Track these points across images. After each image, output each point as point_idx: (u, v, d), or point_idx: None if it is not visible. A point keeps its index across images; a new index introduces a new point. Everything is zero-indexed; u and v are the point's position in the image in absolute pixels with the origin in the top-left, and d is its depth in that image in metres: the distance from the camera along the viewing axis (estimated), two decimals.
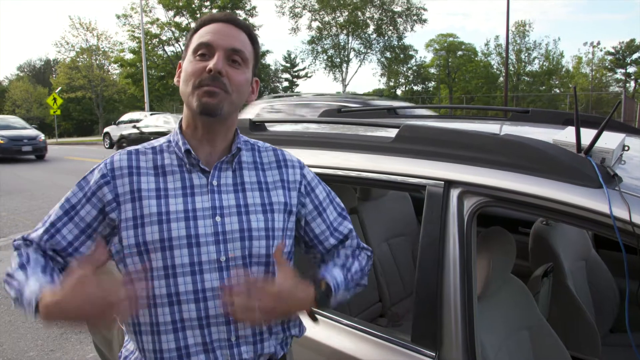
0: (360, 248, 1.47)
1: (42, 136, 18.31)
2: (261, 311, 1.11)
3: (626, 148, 1.55)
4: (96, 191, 1.22)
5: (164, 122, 17.87)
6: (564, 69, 41.64)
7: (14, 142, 17.28)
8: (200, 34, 1.24)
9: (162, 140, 1.33)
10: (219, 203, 1.24)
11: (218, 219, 1.23)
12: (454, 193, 1.51)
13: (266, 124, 2.28)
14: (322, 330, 1.76)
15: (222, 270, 1.22)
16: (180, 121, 1.32)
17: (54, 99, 26.20)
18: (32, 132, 18.41)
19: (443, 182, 1.54)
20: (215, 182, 1.26)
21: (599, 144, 1.36)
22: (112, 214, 1.21)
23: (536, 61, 40.72)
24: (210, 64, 1.18)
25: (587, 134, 1.39)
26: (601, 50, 40.51)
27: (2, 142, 16.95)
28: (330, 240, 1.42)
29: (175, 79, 1.32)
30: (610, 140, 1.40)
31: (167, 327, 1.21)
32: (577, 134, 1.39)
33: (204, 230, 1.21)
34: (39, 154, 17.93)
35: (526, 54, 40.42)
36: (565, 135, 1.49)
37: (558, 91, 40.29)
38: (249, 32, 1.29)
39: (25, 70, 71.40)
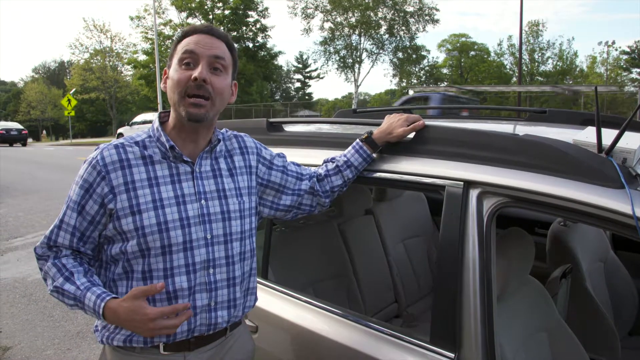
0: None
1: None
2: None
3: None
4: (96, 188, 1.37)
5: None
6: (578, 69, 41.21)
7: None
8: (184, 44, 1.40)
9: (142, 135, 1.46)
10: (202, 188, 1.44)
11: (203, 202, 1.43)
12: (473, 193, 1.50)
13: (283, 125, 2.29)
14: (340, 331, 1.76)
15: (209, 246, 1.42)
16: (160, 117, 1.48)
17: (68, 100, 26.48)
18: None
19: (462, 183, 1.53)
20: (197, 170, 1.45)
21: (621, 144, 1.34)
22: (110, 204, 1.36)
23: (550, 61, 40.42)
24: (196, 73, 1.35)
25: (607, 134, 1.38)
26: (616, 50, 40.05)
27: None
28: (305, 182, 1.71)
29: (162, 85, 1.48)
30: (631, 140, 1.38)
31: (162, 297, 1.38)
32: (598, 134, 1.38)
33: (192, 212, 1.41)
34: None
35: (539, 54, 40.09)
36: (585, 136, 1.47)
37: None
38: (228, 41, 1.46)
39: (40, 72, 72.25)
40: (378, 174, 1.77)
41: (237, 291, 1.49)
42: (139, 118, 24.12)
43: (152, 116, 22.82)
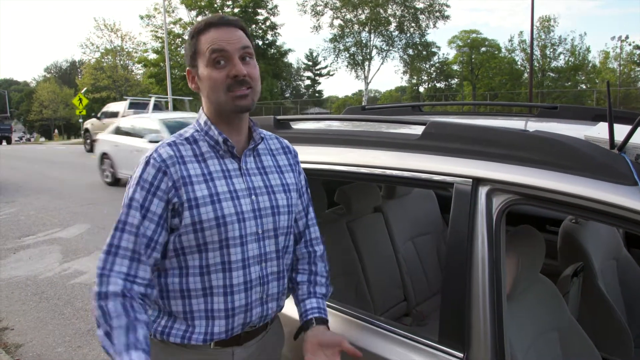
0: (317, 243, 1.73)
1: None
2: None
3: None
4: (159, 185, 1.35)
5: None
6: (590, 65, 40.75)
7: None
8: (209, 42, 1.38)
9: (189, 130, 1.47)
10: (251, 184, 1.46)
11: (254, 197, 1.45)
12: (483, 191, 1.48)
13: (291, 122, 2.27)
14: (348, 329, 1.75)
15: (260, 241, 1.45)
16: (204, 110, 1.48)
17: (80, 99, 26.61)
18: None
19: (471, 180, 1.50)
20: (244, 167, 1.47)
21: (634, 140, 1.31)
22: (174, 198, 1.36)
23: (561, 57, 39.99)
24: (234, 71, 1.36)
25: (620, 130, 1.35)
26: (630, 45, 39.38)
27: None
28: (302, 220, 1.67)
29: (190, 85, 1.49)
30: None
31: (219, 291, 1.40)
32: (610, 130, 1.35)
33: (246, 207, 1.42)
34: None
35: (551, 50, 39.69)
36: (597, 131, 1.44)
37: (584, 87, 39.49)
38: (242, 27, 1.45)
39: (52, 71, 72.99)
40: (386, 171, 1.75)
41: (284, 283, 1.56)
42: (109, 108, 21.25)
43: (120, 106, 19.88)
